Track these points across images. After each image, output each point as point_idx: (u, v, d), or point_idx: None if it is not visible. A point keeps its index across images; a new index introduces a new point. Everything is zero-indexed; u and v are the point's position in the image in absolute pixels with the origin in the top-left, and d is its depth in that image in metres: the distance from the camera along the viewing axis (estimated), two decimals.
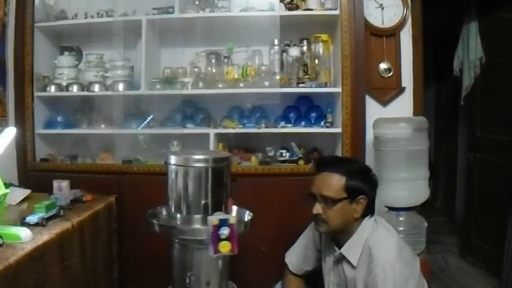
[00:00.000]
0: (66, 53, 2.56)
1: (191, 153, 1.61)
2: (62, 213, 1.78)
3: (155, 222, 1.58)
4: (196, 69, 2.52)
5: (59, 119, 2.52)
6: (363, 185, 1.48)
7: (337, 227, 1.50)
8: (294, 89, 2.36)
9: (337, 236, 1.55)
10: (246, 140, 2.46)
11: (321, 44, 2.39)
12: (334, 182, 1.48)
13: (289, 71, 2.38)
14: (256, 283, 2.05)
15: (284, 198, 2.18)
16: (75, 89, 2.46)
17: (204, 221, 1.56)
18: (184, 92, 2.43)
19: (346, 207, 1.47)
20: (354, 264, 1.47)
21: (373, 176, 1.55)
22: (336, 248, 1.54)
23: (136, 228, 1.77)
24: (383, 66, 2.44)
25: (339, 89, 2.28)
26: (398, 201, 2.13)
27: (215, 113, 2.55)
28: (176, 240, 1.60)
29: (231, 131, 2.38)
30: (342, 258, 1.52)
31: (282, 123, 2.38)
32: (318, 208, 1.49)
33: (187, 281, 1.56)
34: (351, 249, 1.49)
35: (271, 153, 2.36)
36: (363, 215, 1.50)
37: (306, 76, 2.34)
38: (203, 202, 1.56)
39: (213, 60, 2.49)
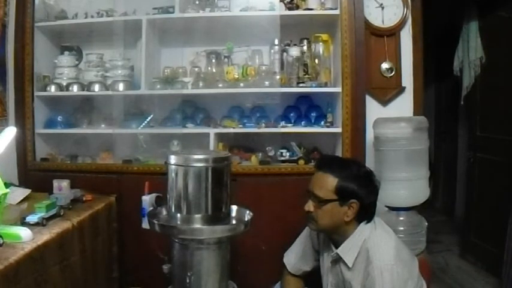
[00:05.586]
0: (66, 52, 2.55)
1: (191, 153, 1.61)
2: (62, 213, 1.79)
3: (155, 222, 1.58)
4: (196, 69, 2.51)
5: (59, 118, 2.52)
6: (358, 189, 1.46)
7: (326, 227, 1.51)
8: (294, 89, 2.36)
9: (333, 236, 1.55)
10: (246, 140, 2.46)
11: (321, 43, 2.39)
12: (326, 183, 1.48)
13: (289, 71, 2.38)
14: (256, 283, 2.05)
15: (284, 198, 2.17)
16: (75, 88, 2.46)
17: (204, 221, 1.56)
18: (184, 91, 2.43)
19: (336, 209, 1.47)
20: (350, 265, 1.47)
21: (373, 181, 1.52)
22: (334, 248, 1.54)
23: (136, 228, 1.77)
24: (385, 66, 2.43)
25: (339, 89, 2.28)
26: (398, 201, 2.13)
27: (215, 112, 2.55)
28: (176, 240, 1.61)
29: (231, 130, 2.38)
30: (339, 259, 1.52)
31: (282, 123, 2.38)
32: (309, 205, 1.51)
33: (187, 281, 1.56)
34: (347, 250, 1.49)
35: (271, 153, 2.36)
36: (358, 220, 1.49)
37: (306, 76, 2.34)
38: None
39: (213, 60, 2.48)
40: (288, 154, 2.36)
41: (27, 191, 2.09)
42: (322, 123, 2.38)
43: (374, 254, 1.42)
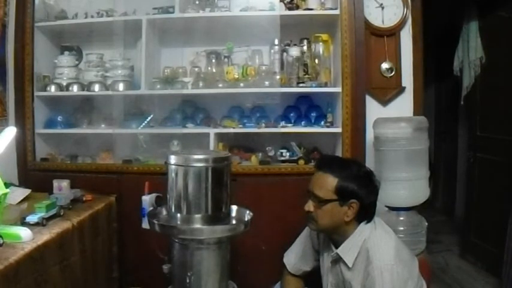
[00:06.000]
0: (66, 52, 2.55)
1: (191, 153, 1.61)
2: (62, 213, 1.79)
3: (155, 222, 1.58)
4: (196, 69, 2.51)
5: (59, 118, 2.52)
6: (358, 189, 1.46)
7: (326, 227, 1.51)
8: (294, 89, 2.36)
9: (333, 236, 1.55)
10: (246, 140, 2.46)
11: (321, 43, 2.39)
12: (326, 183, 1.48)
13: (289, 71, 2.38)
14: (256, 283, 2.05)
15: (284, 198, 2.17)
16: (75, 88, 2.46)
17: (204, 221, 1.56)
18: (184, 91, 2.43)
19: (336, 209, 1.47)
20: (350, 265, 1.47)
21: (373, 181, 1.52)
22: (334, 248, 1.54)
23: (136, 228, 1.77)
24: (385, 66, 2.43)
25: (339, 89, 2.28)
26: (398, 201, 2.13)
27: (215, 112, 2.55)
28: (176, 240, 1.61)
29: (231, 130, 2.38)
30: (339, 259, 1.52)
31: (282, 123, 2.38)
32: (309, 205, 1.51)
33: (187, 281, 1.56)
34: (347, 250, 1.49)
35: (271, 153, 2.36)
36: (358, 220, 1.49)
37: (306, 76, 2.34)
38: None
39: (213, 60, 2.48)
40: (288, 154, 2.36)
41: (27, 191, 2.09)
42: (322, 123, 2.38)
43: (374, 254, 1.42)
